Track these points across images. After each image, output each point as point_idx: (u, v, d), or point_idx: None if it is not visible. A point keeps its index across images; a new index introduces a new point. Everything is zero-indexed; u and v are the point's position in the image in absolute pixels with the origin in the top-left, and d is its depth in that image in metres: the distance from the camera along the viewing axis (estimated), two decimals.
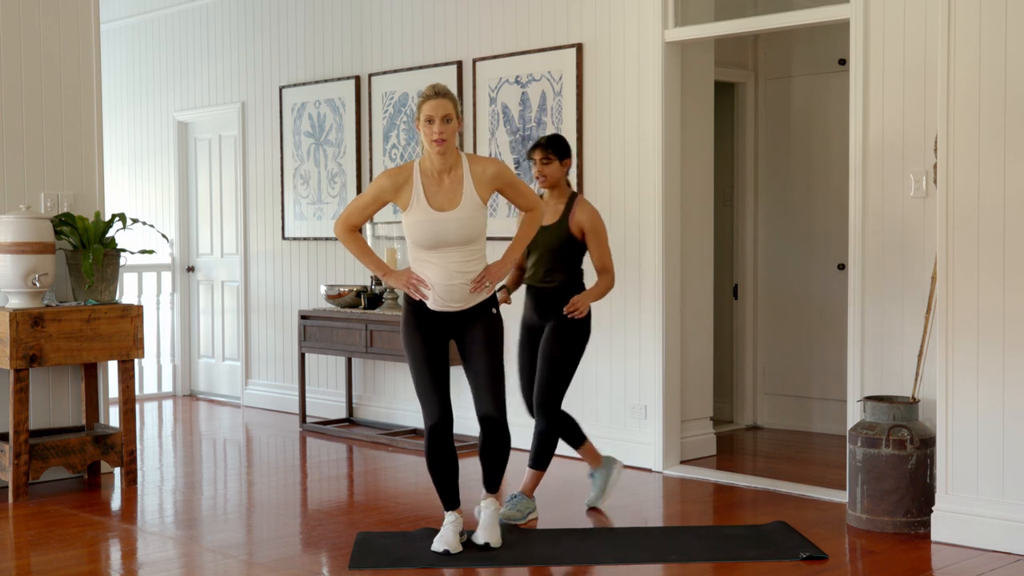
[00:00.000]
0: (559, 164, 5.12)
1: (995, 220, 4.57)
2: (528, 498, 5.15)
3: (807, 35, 7.24)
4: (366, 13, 7.71)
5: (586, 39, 6.48)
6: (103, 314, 5.78)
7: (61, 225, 5.87)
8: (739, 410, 7.56)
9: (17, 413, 5.53)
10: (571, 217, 5.08)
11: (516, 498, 5.13)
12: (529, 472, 5.19)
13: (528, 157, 5.19)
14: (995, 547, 4.56)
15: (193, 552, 4.77)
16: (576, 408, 6.46)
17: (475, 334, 4.60)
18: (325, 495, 5.91)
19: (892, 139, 5.28)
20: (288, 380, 8.32)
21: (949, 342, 4.70)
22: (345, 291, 7.40)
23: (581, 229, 5.08)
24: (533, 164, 5.15)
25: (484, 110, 7.00)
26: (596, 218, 5.11)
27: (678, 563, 4.49)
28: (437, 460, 4.62)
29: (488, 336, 4.61)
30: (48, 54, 6.06)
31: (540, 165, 5.11)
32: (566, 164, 5.14)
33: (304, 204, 8.19)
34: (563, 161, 5.13)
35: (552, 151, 5.11)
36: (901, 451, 4.84)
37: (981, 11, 4.57)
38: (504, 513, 5.03)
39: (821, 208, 7.26)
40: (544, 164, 5.11)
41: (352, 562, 4.48)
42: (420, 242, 4.51)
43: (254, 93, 8.56)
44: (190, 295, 9.32)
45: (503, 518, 5.00)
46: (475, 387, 4.64)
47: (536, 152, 5.13)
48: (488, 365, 4.60)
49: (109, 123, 9.54)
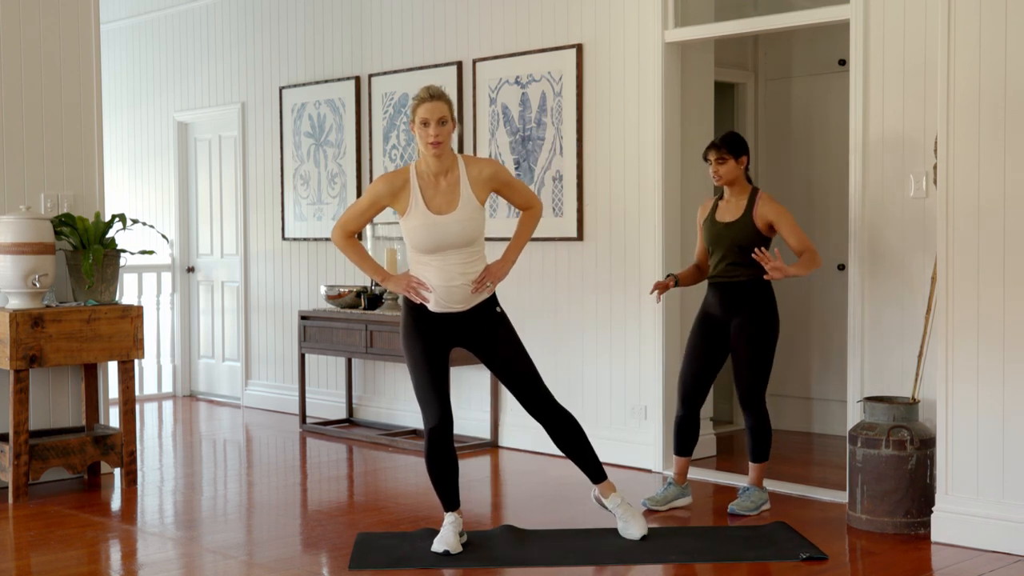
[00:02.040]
0: (734, 162, 5.23)
1: (995, 220, 4.57)
2: (759, 489, 5.31)
3: (807, 35, 7.24)
4: (366, 13, 7.71)
5: (586, 39, 6.48)
6: (103, 315, 5.78)
7: (61, 226, 5.87)
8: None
9: (17, 414, 5.53)
10: (755, 211, 5.19)
11: (749, 491, 5.30)
12: (752, 466, 5.33)
13: (704, 158, 5.30)
14: (995, 548, 4.55)
15: (193, 553, 4.77)
16: (576, 408, 6.47)
17: (493, 337, 4.61)
18: (325, 496, 5.91)
19: (892, 139, 5.28)
20: (288, 381, 8.32)
21: (949, 343, 4.70)
22: (345, 291, 7.40)
23: (767, 222, 5.18)
24: (709, 164, 5.26)
25: (484, 111, 7.00)
26: (779, 207, 5.24)
27: (678, 563, 4.49)
28: (437, 462, 4.61)
29: (508, 337, 4.65)
30: (48, 54, 6.06)
31: (716, 164, 5.23)
32: (742, 162, 5.25)
33: (304, 205, 8.19)
34: (739, 159, 5.23)
35: (727, 150, 5.22)
36: (901, 452, 4.84)
37: (981, 11, 4.57)
38: (739, 504, 5.24)
39: (821, 208, 7.26)
40: (719, 163, 5.23)
41: (352, 563, 4.48)
42: (420, 246, 4.51)
43: (254, 93, 8.56)
44: (190, 295, 9.32)
45: (738, 509, 5.22)
46: (520, 389, 4.68)
47: (711, 152, 5.25)
48: (525, 364, 4.66)
49: (109, 123, 9.54)
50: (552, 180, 6.65)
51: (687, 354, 5.39)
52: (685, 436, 5.40)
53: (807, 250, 5.14)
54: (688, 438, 5.40)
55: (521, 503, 5.59)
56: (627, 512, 4.76)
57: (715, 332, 5.30)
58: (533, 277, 6.71)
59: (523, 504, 5.56)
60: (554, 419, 4.70)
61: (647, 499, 5.35)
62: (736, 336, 5.23)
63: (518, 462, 6.44)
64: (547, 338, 6.65)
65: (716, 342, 5.30)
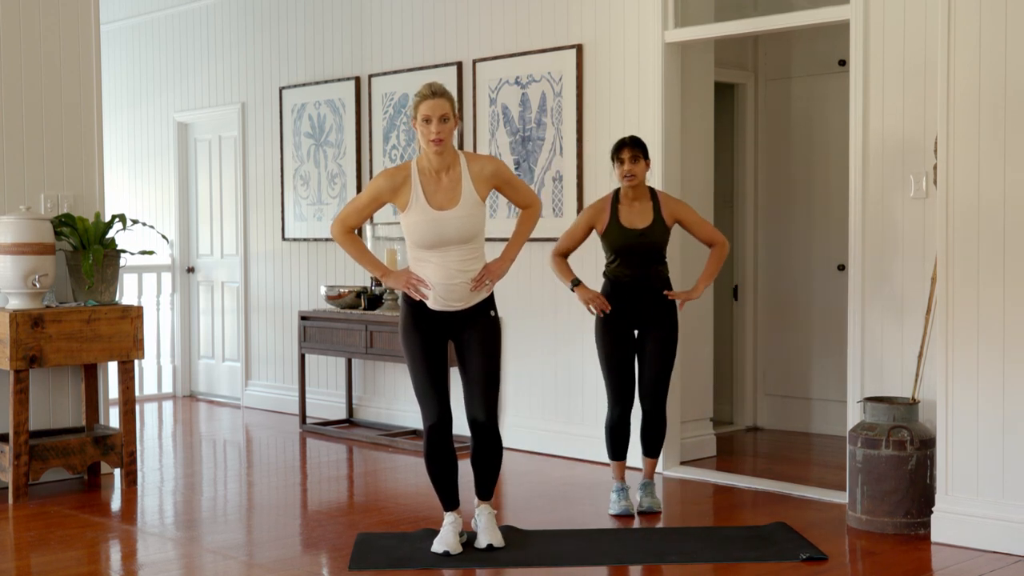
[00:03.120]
0: (644, 163, 5.20)
1: (995, 220, 4.57)
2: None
3: (807, 36, 7.24)
4: (366, 14, 7.71)
5: (586, 40, 6.48)
6: (103, 315, 5.78)
7: (61, 226, 5.87)
8: (739, 411, 7.55)
9: (17, 414, 5.53)
10: (663, 211, 5.20)
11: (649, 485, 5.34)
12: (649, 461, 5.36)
13: (615, 158, 5.21)
14: (995, 548, 4.55)
15: (193, 553, 4.77)
16: (576, 408, 6.47)
17: (473, 336, 4.59)
18: (325, 496, 5.91)
19: (892, 140, 5.28)
20: (288, 381, 8.31)
21: (949, 343, 4.70)
22: (345, 292, 7.40)
23: (675, 219, 5.22)
24: (620, 164, 5.19)
25: (484, 111, 7.00)
26: (682, 202, 5.31)
27: (678, 564, 4.48)
28: (436, 461, 4.61)
29: (486, 339, 4.60)
30: (48, 54, 6.06)
31: (630, 164, 5.17)
32: (648, 163, 5.24)
33: (304, 205, 8.19)
34: (647, 159, 5.22)
35: (639, 149, 5.18)
36: (901, 452, 4.84)
37: (981, 11, 4.57)
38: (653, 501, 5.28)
39: (821, 209, 7.26)
40: (633, 163, 5.17)
41: (352, 563, 4.48)
42: (420, 242, 4.51)
43: (254, 94, 8.56)
44: (190, 296, 9.32)
45: (654, 506, 5.27)
46: (468, 391, 4.64)
47: (625, 151, 5.18)
48: (484, 369, 4.59)
49: (109, 124, 9.54)
50: (552, 180, 6.65)
51: (618, 360, 5.23)
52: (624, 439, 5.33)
53: (717, 241, 5.23)
54: (626, 440, 5.34)
55: (521, 503, 5.59)
56: (488, 522, 4.66)
57: (632, 332, 5.26)
58: (533, 277, 6.71)
59: (523, 504, 5.56)
60: (484, 437, 4.64)
61: (637, 509, 5.31)
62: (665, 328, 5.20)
63: (518, 462, 6.44)
64: (547, 338, 6.65)
65: (632, 342, 5.27)
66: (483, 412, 4.60)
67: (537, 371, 6.73)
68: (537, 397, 6.74)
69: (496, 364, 4.62)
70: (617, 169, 5.20)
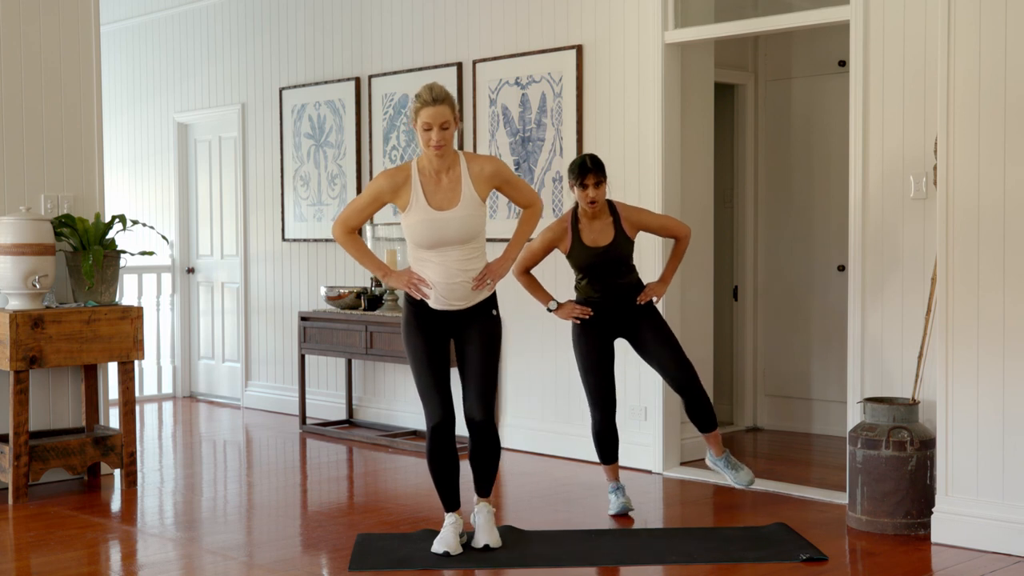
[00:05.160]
0: (605, 184, 5.14)
1: (995, 221, 4.57)
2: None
3: (807, 37, 7.24)
4: (366, 14, 7.71)
5: (586, 40, 6.48)
6: (103, 315, 5.78)
7: (61, 227, 5.87)
8: (739, 412, 7.55)
9: (17, 415, 5.53)
10: (623, 223, 5.17)
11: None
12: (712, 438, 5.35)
13: (580, 184, 5.09)
14: (995, 548, 4.56)
15: (193, 554, 4.77)
16: (575, 409, 6.47)
17: (474, 334, 4.60)
18: (325, 496, 5.91)
19: (892, 141, 5.28)
20: (288, 382, 8.31)
21: (949, 343, 4.70)
22: (345, 292, 7.40)
23: (635, 227, 5.21)
24: (584, 189, 5.09)
25: (484, 112, 7.00)
26: (634, 206, 5.34)
27: (678, 564, 4.49)
28: (438, 460, 4.61)
29: (487, 338, 4.61)
30: (48, 55, 6.06)
31: (594, 189, 5.09)
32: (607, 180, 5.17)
33: (304, 206, 8.19)
34: (607, 180, 5.16)
35: (602, 172, 5.12)
36: (901, 452, 4.84)
37: (981, 12, 4.57)
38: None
39: (821, 209, 7.26)
40: (597, 188, 5.10)
41: (352, 564, 4.48)
42: (421, 242, 4.51)
43: (254, 95, 8.56)
44: (190, 296, 9.32)
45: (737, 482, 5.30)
46: (466, 388, 4.64)
47: (590, 177, 5.07)
48: (483, 367, 4.60)
49: (109, 125, 9.54)
50: (552, 181, 6.65)
51: (596, 363, 5.22)
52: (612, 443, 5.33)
53: (680, 235, 5.25)
54: (614, 444, 5.34)
55: (521, 503, 5.59)
56: (486, 522, 4.67)
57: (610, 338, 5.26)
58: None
59: (523, 504, 5.56)
60: (484, 434, 4.64)
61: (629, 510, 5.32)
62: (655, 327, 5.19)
63: (518, 463, 6.44)
64: (547, 338, 6.65)
65: (611, 348, 5.27)
66: (480, 410, 4.61)
67: (536, 371, 6.73)
68: (537, 397, 6.74)
69: (495, 363, 4.63)
70: (579, 192, 5.12)
